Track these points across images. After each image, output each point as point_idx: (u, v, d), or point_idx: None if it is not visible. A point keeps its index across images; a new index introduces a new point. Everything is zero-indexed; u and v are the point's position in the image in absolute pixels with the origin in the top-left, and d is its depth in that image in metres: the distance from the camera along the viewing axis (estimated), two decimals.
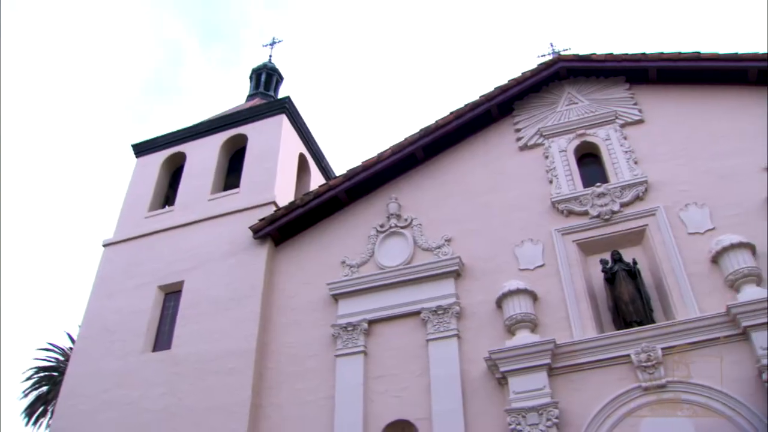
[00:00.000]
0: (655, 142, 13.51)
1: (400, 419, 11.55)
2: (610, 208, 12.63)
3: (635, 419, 10.30)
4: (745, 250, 11.20)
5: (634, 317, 11.21)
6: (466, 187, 14.13)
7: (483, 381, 11.44)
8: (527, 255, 12.65)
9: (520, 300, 11.72)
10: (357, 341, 12.46)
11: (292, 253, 14.43)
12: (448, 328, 12.07)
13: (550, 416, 10.42)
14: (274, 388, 12.61)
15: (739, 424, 9.86)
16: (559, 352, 10.97)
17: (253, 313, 13.39)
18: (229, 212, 15.36)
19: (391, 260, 13.41)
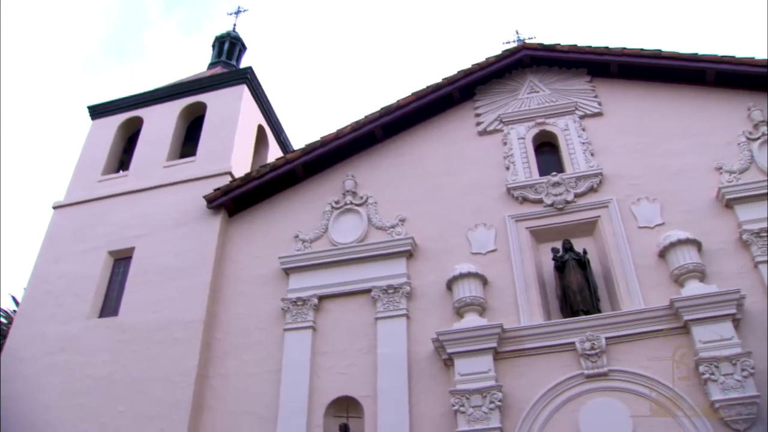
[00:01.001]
0: (612, 135, 13.74)
1: (345, 396, 11.61)
2: (564, 198, 12.82)
3: (576, 405, 10.57)
4: (691, 246, 11.51)
5: (581, 306, 11.42)
6: (423, 169, 14.18)
7: (429, 361, 11.55)
8: (480, 239, 12.77)
9: (470, 283, 11.84)
10: (306, 316, 12.46)
11: (246, 225, 14.31)
12: (398, 307, 12.14)
13: (493, 399, 10.59)
14: (221, 359, 12.53)
15: (673, 413, 10.18)
16: (505, 336, 11.13)
17: (202, 283, 13.26)
18: (183, 180, 15.15)
19: (344, 237, 13.41)
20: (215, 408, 11.98)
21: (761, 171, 12.48)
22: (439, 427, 10.90)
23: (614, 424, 10.25)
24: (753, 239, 11.56)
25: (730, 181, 12.41)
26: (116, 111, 17.77)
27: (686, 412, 10.16)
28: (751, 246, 11.52)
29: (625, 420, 10.25)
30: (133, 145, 17.06)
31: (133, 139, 17.39)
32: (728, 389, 10.06)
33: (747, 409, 9.91)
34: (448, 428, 10.79)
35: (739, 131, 13.12)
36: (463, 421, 10.54)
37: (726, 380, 10.12)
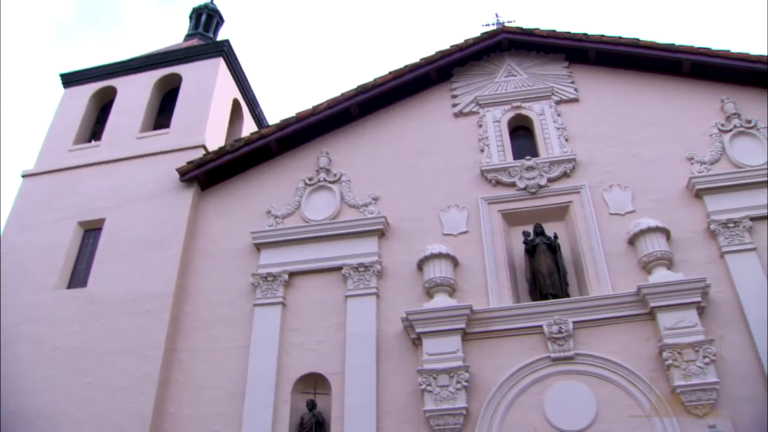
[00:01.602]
0: (587, 121, 13.83)
1: (314, 372, 11.65)
2: (537, 182, 12.91)
3: (542, 388, 10.72)
4: (660, 234, 11.68)
5: (550, 290, 11.55)
6: (397, 148, 14.18)
7: (398, 340, 11.63)
8: (452, 220, 12.82)
9: (440, 264, 11.90)
10: (276, 292, 12.44)
11: (218, 199, 14.21)
12: (368, 285, 12.18)
13: (460, 379, 10.69)
14: (190, 333, 12.50)
15: (636, 398, 10.38)
16: (474, 317, 11.23)
17: (173, 256, 13.18)
18: (156, 152, 15.00)
19: (316, 214, 13.39)
20: (183, 381, 11.96)
21: (732, 163, 12.66)
22: (405, 405, 10.99)
23: (579, 407, 10.42)
24: (720, 229, 11.75)
25: (701, 171, 12.58)
26: (89, 80, 17.49)
27: (649, 396, 10.36)
28: (719, 236, 11.73)
29: (589, 403, 10.42)
30: (106, 115, 16.81)
31: (106, 109, 17.14)
32: (690, 375, 10.28)
33: (707, 395, 10.14)
34: (415, 407, 10.89)
35: (712, 123, 13.28)
36: (430, 401, 10.63)
37: (688, 366, 10.34)
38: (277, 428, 11.14)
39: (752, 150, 12.81)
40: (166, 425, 11.52)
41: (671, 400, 10.26)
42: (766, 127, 12.99)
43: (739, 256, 11.51)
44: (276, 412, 11.25)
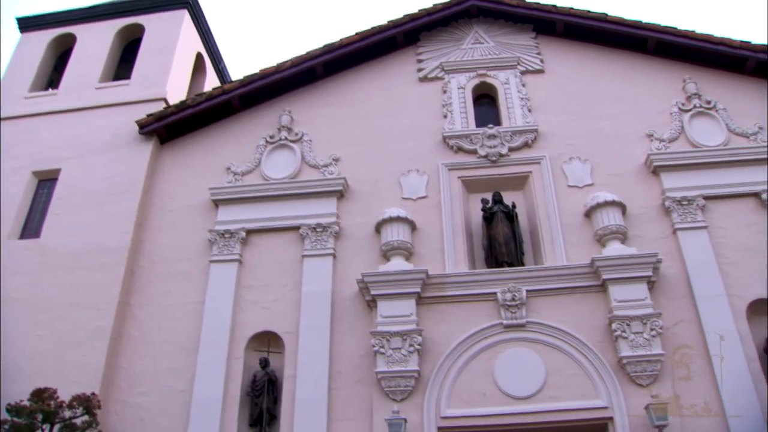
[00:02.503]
0: (551, 93, 13.92)
1: (268, 330, 11.67)
2: (498, 151, 12.96)
3: (493, 353, 10.88)
4: (616, 208, 11.88)
5: (506, 258, 11.67)
6: (361, 110, 14.11)
7: (353, 302, 11.69)
8: (412, 185, 12.85)
9: (398, 227, 11.94)
10: (233, 249, 12.37)
11: (178, 153, 14.00)
12: (325, 246, 12.18)
13: (413, 342, 10.80)
14: (145, 287, 12.39)
15: (584, 367, 10.62)
16: (429, 282, 11.31)
17: (130, 209, 12.98)
18: (116, 103, 14.66)
19: (276, 172, 13.30)
20: (136, 336, 11.89)
21: (690, 142, 12.89)
22: (358, 366, 11.09)
23: (528, 373, 10.63)
24: (674, 206, 11.99)
25: (660, 149, 12.80)
26: (48, 25, 16.93)
27: (595, 364, 10.61)
28: (672, 213, 11.98)
29: (538, 370, 10.63)
30: (65, 63, 16.31)
31: (64, 58, 16.64)
32: (637, 347, 10.56)
33: (651, 366, 10.44)
34: (367, 368, 11.00)
35: (673, 102, 13.48)
36: (382, 362, 10.73)
37: (636, 338, 10.61)
38: (230, 385, 11.15)
39: (710, 130, 13.05)
40: (118, 379, 11.47)
41: (617, 369, 10.53)
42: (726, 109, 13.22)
43: (691, 233, 11.78)
44: (229, 369, 11.26)
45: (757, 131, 12.85)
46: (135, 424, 11.01)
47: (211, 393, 11.02)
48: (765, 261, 11.50)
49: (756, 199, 12.10)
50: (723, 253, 11.62)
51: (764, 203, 11.98)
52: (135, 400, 11.28)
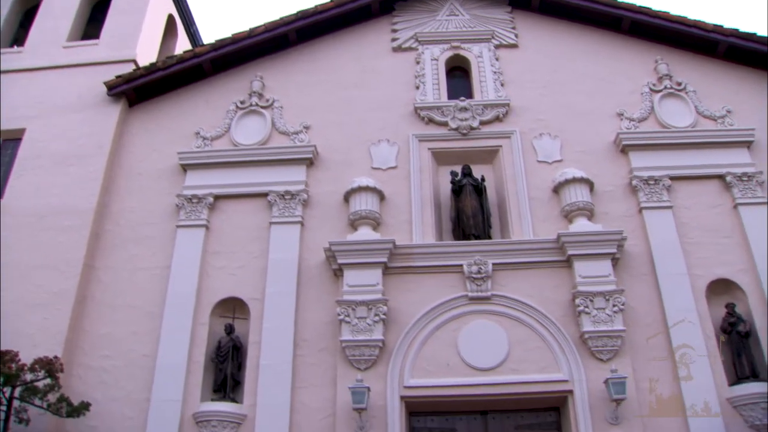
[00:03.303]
0: (524, 68, 13.92)
1: (233, 296, 11.65)
2: (469, 124, 12.97)
3: (458, 325, 11.00)
4: (584, 185, 12.00)
5: (473, 231, 11.73)
6: (333, 78, 13.97)
7: (319, 270, 11.69)
8: (382, 155, 12.83)
9: (367, 197, 11.93)
10: (200, 214, 12.26)
11: (146, 116, 13.77)
12: (293, 214, 12.13)
13: (378, 312, 10.86)
14: (110, 251, 12.24)
15: (546, 340, 10.80)
16: (396, 252, 11.34)
17: (96, 172, 12.77)
18: (84, 63, 14.32)
19: (246, 138, 13.17)
20: (100, 299, 11.77)
21: (659, 122, 13.03)
22: (322, 334, 11.13)
23: (491, 345, 10.76)
24: (641, 185, 12.14)
25: (629, 128, 12.93)
26: None
27: (557, 338, 10.77)
28: (639, 192, 12.13)
29: (501, 342, 10.77)
30: (32, 20, 15.81)
31: (31, 14, 16.15)
32: (599, 322, 10.73)
33: (612, 342, 10.63)
34: (332, 336, 11.04)
35: (644, 82, 13.58)
36: (347, 331, 10.78)
37: (598, 314, 10.78)
38: (194, 350, 11.14)
39: (679, 112, 13.20)
40: (81, 343, 11.37)
41: (579, 344, 10.70)
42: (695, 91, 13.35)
43: (656, 212, 11.95)
44: (193, 335, 11.24)
45: (725, 114, 13.01)
46: (98, 388, 10.93)
47: (175, 358, 10.99)
48: (727, 242, 11.70)
49: (720, 181, 12.29)
50: (686, 233, 11.80)
51: (728, 185, 12.15)
52: (98, 363, 11.20)
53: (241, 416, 10.59)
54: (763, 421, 10.17)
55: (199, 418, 10.53)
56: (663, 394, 10.47)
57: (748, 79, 13.62)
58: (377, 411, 10.34)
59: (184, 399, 10.75)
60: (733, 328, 10.95)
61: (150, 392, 10.82)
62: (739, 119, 12.99)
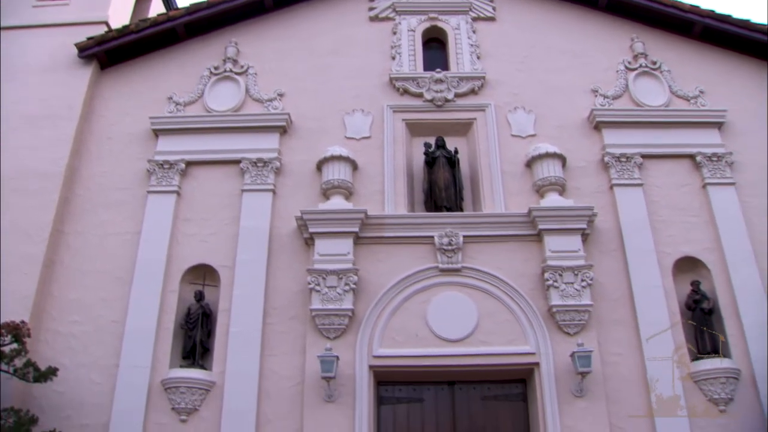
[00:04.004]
0: (500, 42, 13.86)
1: (204, 264, 11.59)
2: (444, 96, 12.93)
3: (427, 295, 11.06)
4: (556, 160, 12.06)
5: (445, 203, 11.76)
6: (308, 46, 13.77)
7: (290, 238, 11.65)
8: (356, 124, 12.75)
9: (340, 166, 11.88)
10: (172, 180, 12.12)
11: (118, 80, 13.52)
12: (266, 181, 12.04)
13: (348, 281, 10.87)
14: (79, 216, 12.07)
15: (515, 313, 10.93)
16: (368, 222, 11.33)
17: (66, 135, 12.52)
18: (54, 24, 13.95)
19: (219, 105, 13.00)
20: (69, 265, 11.64)
21: (633, 100, 13.11)
22: (292, 302, 11.13)
23: (460, 317, 10.86)
24: (613, 162, 12.24)
25: (603, 105, 12.98)
26: None
27: (525, 311, 10.89)
28: (611, 168, 12.23)
29: (470, 314, 10.87)
30: None
31: None
32: (567, 296, 10.87)
33: (580, 316, 10.79)
34: (302, 305, 11.05)
35: (620, 59, 13.61)
36: (317, 300, 10.79)
37: (566, 288, 10.91)
38: (164, 317, 11.08)
39: (653, 91, 13.27)
40: (49, 308, 11.25)
41: (547, 317, 10.84)
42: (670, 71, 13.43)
43: (627, 189, 12.07)
44: (163, 301, 11.17)
45: (698, 95, 13.11)
46: (66, 353, 10.84)
47: (144, 324, 10.93)
48: (694, 221, 11.89)
49: (691, 161, 12.42)
50: (656, 210, 11.95)
51: (698, 165, 12.30)
52: (66, 329, 11.10)
53: (210, 383, 10.59)
54: (721, 396, 10.44)
55: (168, 385, 10.51)
56: (625, 366, 10.71)
57: (722, 61, 13.72)
58: (346, 380, 10.40)
59: (153, 365, 10.70)
60: (697, 305, 11.15)
61: (118, 358, 10.75)
62: (712, 100, 13.09)
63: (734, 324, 11.06)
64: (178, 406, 10.44)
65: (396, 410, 10.83)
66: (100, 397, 10.57)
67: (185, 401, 10.46)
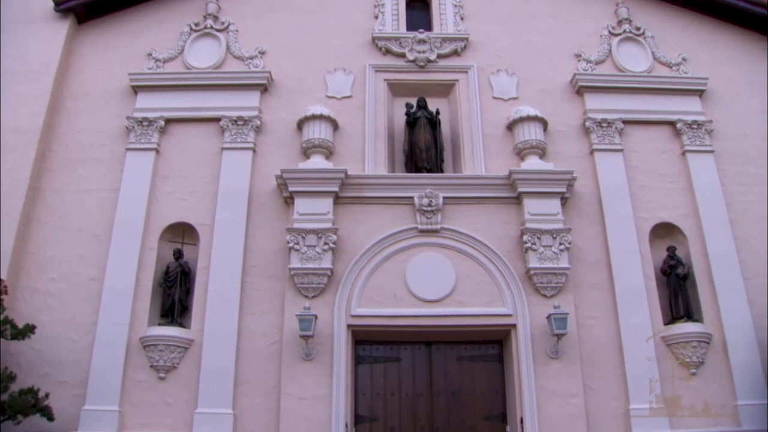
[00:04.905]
0: (485, 3, 13.76)
1: (183, 222, 11.54)
2: (427, 56, 12.84)
3: (406, 256, 11.12)
4: (538, 123, 12.08)
5: (426, 164, 11.76)
6: (291, 4, 13.52)
7: (270, 197, 11.62)
8: (337, 83, 12.65)
9: (320, 125, 11.81)
10: (151, 137, 11.99)
11: (97, 35, 13.25)
12: (246, 140, 11.95)
13: (327, 241, 10.87)
14: (56, 173, 11.94)
15: (493, 275, 11.02)
16: (348, 182, 11.31)
17: (42, 91, 12.29)
18: None
19: (200, 62, 12.82)
20: (47, 222, 11.54)
21: (615, 66, 13.11)
22: (271, 261, 11.15)
23: (438, 278, 10.95)
24: (594, 127, 12.29)
25: (586, 69, 12.98)
26: None
27: (503, 272, 10.98)
28: (592, 133, 12.28)
29: (449, 275, 10.94)
30: None
31: None
32: (545, 259, 10.96)
33: (557, 279, 10.91)
34: (281, 264, 11.07)
35: (604, 24, 13.58)
36: (296, 259, 10.81)
37: (544, 251, 11.00)
38: (142, 275, 11.06)
39: (636, 57, 13.29)
40: (26, 265, 11.19)
41: (524, 279, 10.94)
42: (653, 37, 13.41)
43: (607, 155, 12.16)
44: (141, 259, 11.15)
45: (680, 62, 13.15)
46: (44, 311, 10.83)
47: (122, 282, 10.92)
48: (672, 187, 12.03)
49: (671, 128, 12.52)
50: (635, 176, 12.06)
51: (678, 132, 12.38)
52: (44, 286, 11.06)
53: (188, 341, 10.63)
54: (692, 359, 10.65)
55: (146, 342, 10.54)
56: (601, 335, 10.89)
57: (705, 29, 13.75)
58: (324, 339, 10.48)
59: (131, 323, 10.72)
60: (672, 270, 11.32)
61: (96, 316, 10.76)
62: (694, 68, 13.15)
63: (707, 290, 11.28)
64: (156, 364, 10.48)
65: (373, 369, 10.96)
66: (78, 355, 10.59)
67: (164, 359, 10.50)
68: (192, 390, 10.40)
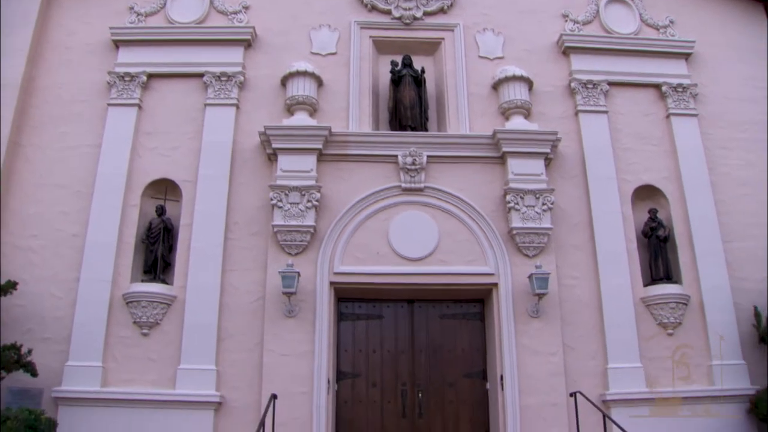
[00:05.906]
0: None
1: (165, 178, 11.46)
2: (413, 14, 12.69)
3: (389, 214, 11.13)
4: (523, 83, 12.03)
5: (410, 122, 11.71)
6: None
7: (254, 154, 11.54)
8: (322, 40, 12.49)
9: (304, 82, 11.69)
10: (133, 93, 11.83)
11: None
12: (229, 96, 11.82)
13: (311, 198, 10.85)
14: (37, 128, 11.78)
15: (476, 234, 11.08)
16: (332, 140, 11.25)
17: (22, 44, 12.03)
18: None
19: (182, 16, 12.56)
20: (28, 178, 11.42)
21: (603, 27, 13.03)
22: (254, 218, 11.12)
23: (421, 236, 10.98)
24: (579, 88, 12.27)
25: (573, 30, 12.89)
26: None
27: (485, 231, 11.03)
28: (577, 94, 12.26)
29: (431, 234, 10.98)
30: None
31: None
32: (527, 219, 11.01)
33: (539, 239, 10.97)
34: (264, 221, 11.04)
35: None
36: (279, 216, 10.78)
37: (527, 211, 11.03)
38: (125, 231, 11.02)
39: (624, 18, 13.19)
40: (7, 222, 11.06)
41: (507, 239, 11.00)
42: None
43: (592, 116, 12.16)
44: (124, 215, 11.09)
45: (668, 24, 13.08)
46: (26, 268, 10.76)
47: (105, 238, 10.86)
48: (656, 150, 12.07)
49: (657, 90, 12.52)
50: (619, 138, 12.09)
51: (663, 95, 12.39)
52: (26, 243, 10.99)
53: (171, 297, 10.64)
54: (670, 320, 10.82)
55: (129, 299, 10.54)
56: (581, 290, 11.03)
57: None
58: (306, 295, 10.52)
59: (114, 279, 10.69)
60: (653, 232, 11.43)
61: (79, 272, 10.72)
62: (681, 30, 13.08)
63: (687, 252, 11.41)
64: (139, 320, 10.50)
65: (355, 326, 11.07)
66: (61, 311, 10.59)
67: (147, 315, 10.51)
68: (175, 346, 10.43)
